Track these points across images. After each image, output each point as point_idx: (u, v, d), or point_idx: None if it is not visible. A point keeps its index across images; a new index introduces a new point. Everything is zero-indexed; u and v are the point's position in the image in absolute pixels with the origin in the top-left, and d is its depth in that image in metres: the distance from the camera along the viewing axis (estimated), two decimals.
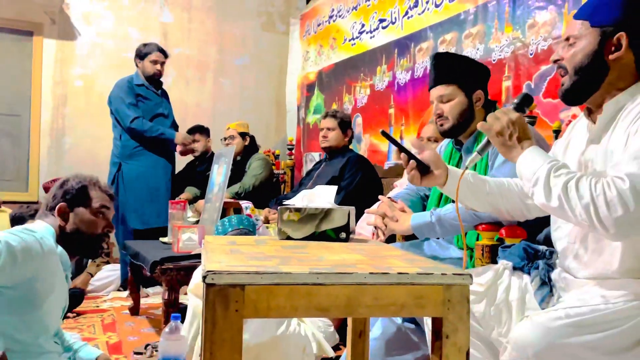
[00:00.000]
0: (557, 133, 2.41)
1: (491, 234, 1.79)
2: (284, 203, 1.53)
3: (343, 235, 1.44)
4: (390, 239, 2.37)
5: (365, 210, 2.05)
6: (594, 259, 1.29)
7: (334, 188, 1.55)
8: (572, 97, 1.34)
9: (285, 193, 4.46)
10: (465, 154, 2.06)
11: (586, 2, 1.35)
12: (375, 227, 2.00)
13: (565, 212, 1.19)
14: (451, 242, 2.07)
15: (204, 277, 0.90)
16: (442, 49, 3.73)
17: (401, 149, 1.49)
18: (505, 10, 3.25)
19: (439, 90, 2.01)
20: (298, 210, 1.44)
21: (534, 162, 1.26)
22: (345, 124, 3.61)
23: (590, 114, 1.37)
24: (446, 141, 2.22)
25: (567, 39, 1.33)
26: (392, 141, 1.48)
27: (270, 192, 4.27)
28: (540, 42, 2.96)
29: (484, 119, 2.02)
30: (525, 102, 1.41)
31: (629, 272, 1.24)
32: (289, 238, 1.43)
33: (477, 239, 1.85)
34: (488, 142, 1.39)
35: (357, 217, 2.44)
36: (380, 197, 2.06)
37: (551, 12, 2.95)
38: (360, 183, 3.35)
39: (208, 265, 0.94)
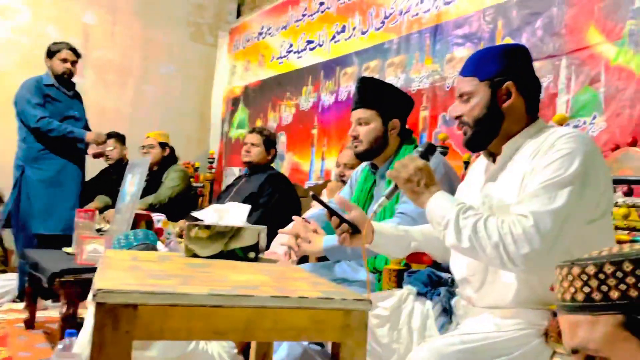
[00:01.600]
0: (467, 164, 2.52)
1: (399, 259, 1.82)
2: (193, 216, 1.49)
3: (252, 255, 1.42)
4: (304, 259, 2.38)
5: (279, 231, 2.02)
6: (490, 290, 1.34)
7: (247, 207, 1.53)
8: (475, 145, 1.42)
9: (202, 207, 4.35)
10: (380, 179, 2.10)
11: (469, 59, 1.43)
12: (288, 248, 1.96)
13: (476, 252, 1.24)
14: (362, 264, 2.08)
15: (94, 296, 0.85)
16: (365, 74, 3.81)
17: (332, 212, 1.49)
18: (426, 44, 3.39)
19: (359, 113, 2.05)
20: (207, 227, 1.40)
21: (442, 206, 1.30)
22: (270, 143, 3.58)
23: (491, 155, 1.45)
24: (363, 164, 2.25)
25: (461, 95, 1.41)
26: (323, 204, 1.48)
27: (186, 206, 4.15)
28: (457, 76, 3.10)
29: (398, 147, 2.12)
30: (429, 151, 1.47)
31: (523, 303, 1.29)
32: (195, 256, 1.39)
33: (386, 263, 1.88)
34: (396, 187, 1.43)
35: (273, 236, 2.44)
36: (294, 217, 2.02)
37: (468, 48, 3.11)
38: (278, 201, 3.33)
39: (100, 283, 0.89)
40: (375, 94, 2.05)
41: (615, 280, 0.66)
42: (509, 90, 1.35)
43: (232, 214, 1.48)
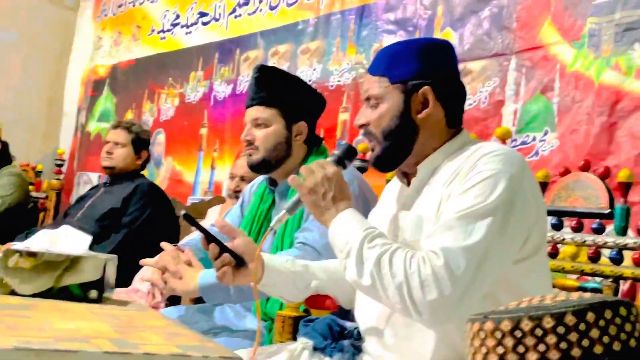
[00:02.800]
0: None
1: (295, 303, 1.82)
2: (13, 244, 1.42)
3: (94, 294, 1.36)
4: (175, 300, 2.34)
5: (141, 261, 1.95)
6: (403, 346, 1.35)
7: (89, 237, 1.47)
8: (383, 164, 1.45)
9: (43, 225, 4.17)
10: (280, 198, 2.09)
11: (380, 54, 1.45)
12: (152, 285, 1.95)
13: (377, 292, 1.25)
14: (250, 308, 2.07)
15: None
16: (273, 62, 3.83)
17: (209, 238, 1.46)
18: (350, 28, 3.45)
19: (256, 112, 2.04)
20: (32, 254, 1.34)
21: (348, 229, 1.32)
22: (141, 143, 3.45)
23: (405, 176, 1.47)
24: (259, 179, 2.24)
25: (368, 99, 1.42)
26: (198, 227, 1.46)
27: (20, 223, 3.95)
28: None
29: (304, 158, 2.08)
30: (347, 155, 1.47)
31: None
32: (13, 293, 1.32)
33: (280, 308, 1.86)
34: (300, 200, 1.43)
35: (137, 269, 2.38)
36: (163, 244, 1.96)
37: (401, 37, 3.20)
38: (148, 222, 3.23)
39: None
40: (278, 88, 2.06)
41: (534, 339, 0.68)
42: (425, 97, 1.39)
43: (70, 239, 1.43)
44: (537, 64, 2.70)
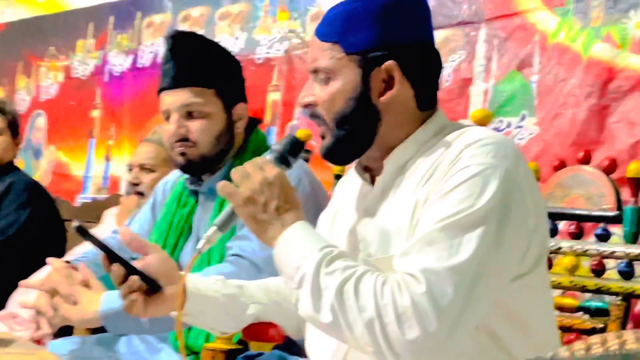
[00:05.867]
0: (340, 178, 2.49)
1: (229, 333, 1.69)
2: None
3: None
4: (66, 330, 2.22)
5: (20, 283, 1.91)
6: None
7: None
8: (338, 156, 1.42)
9: None
10: (206, 199, 2.04)
11: (329, 14, 1.40)
12: (37, 312, 1.91)
13: (340, 330, 1.20)
14: (166, 339, 2.00)
15: None
16: (184, 28, 3.77)
17: (112, 256, 1.40)
18: None
19: (183, 96, 1.97)
20: None
21: (298, 249, 1.28)
22: (17, 126, 3.38)
23: (367, 171, 1.43)
24: (175, 173, 2.18)
25: (316, 71, 1.38)
26: (96, 243, 1.41)
27: None
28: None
29: (241, 148, 2.04)
30: (292, 151, 1.41)
31: None
32: None
33: (207, 340, 1.81)
34: (234, 212, 1.38)
35: (13, 288, 2.34)
36: (49, 259, 1.91)
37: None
38: (26, 227, 3.15)
39: None
40: (207, 62, 2.01)
41: None
42: (389, 74, 1.34)
43: None
44: (511, 35, 2.69)
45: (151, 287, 1.42)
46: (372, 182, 1.41)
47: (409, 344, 1.15)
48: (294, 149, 1.41)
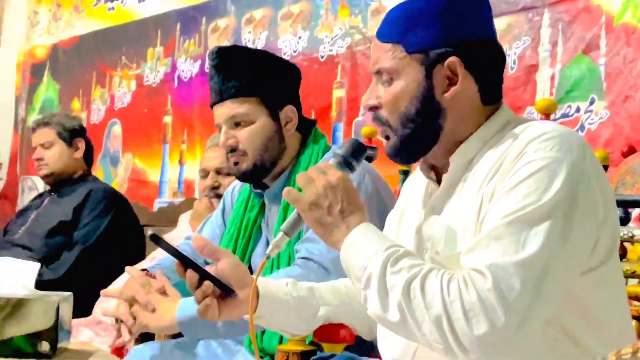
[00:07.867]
0: (406, 174, 2.48)
1: (300, 336, 1.71)
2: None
3: (45, 346, 1.32)
4: (147, 336, 2.24)
5: (102, 292, 1.96)
6: None
7: (36, 266, 1.40)
8: (404, 155, 1.42)
9: None
10: (271, 202, 2.06)
11: (390, 14, 1.40)
12: (117, 321, 1.91)
13: (408, 328, 1.21)
14: (243, 342, 2.03)
15: None
16: (248, 31, 3.79)
17: (186, 262, 1.42)
18: None
19: (229, 108, 2.00)
20: None
21: (364, 251, 1.28)
22: (70, 132, 3.43)
23: (433, 169, 1.43)
24: (239, 183, 2.21)
25: (379, 72, 1.39)
26: (169, 250, 1.42)
27: None
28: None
29: (299, 150, 2.07)
30: (354, 155, 1.41)
31: None
32: None
33: (281, 342, 1.83)
34: (300, 217, 1.39)
35: (96, 294, 2.29)
36: (127, 268, 1.95)
37: None
38: (106, 235, 3.22)
39: None
40: (249, 71, 2.02)
41: None
42: (453, 70, 1.34)
43: (10, 273, 1.37)
44: (576, 18, 2.63)
45: (224, 292, 1.44)
46: (438, 180, 1.41)
47: (477, 340, 1.15)
48: (356, 152, 1.42)
